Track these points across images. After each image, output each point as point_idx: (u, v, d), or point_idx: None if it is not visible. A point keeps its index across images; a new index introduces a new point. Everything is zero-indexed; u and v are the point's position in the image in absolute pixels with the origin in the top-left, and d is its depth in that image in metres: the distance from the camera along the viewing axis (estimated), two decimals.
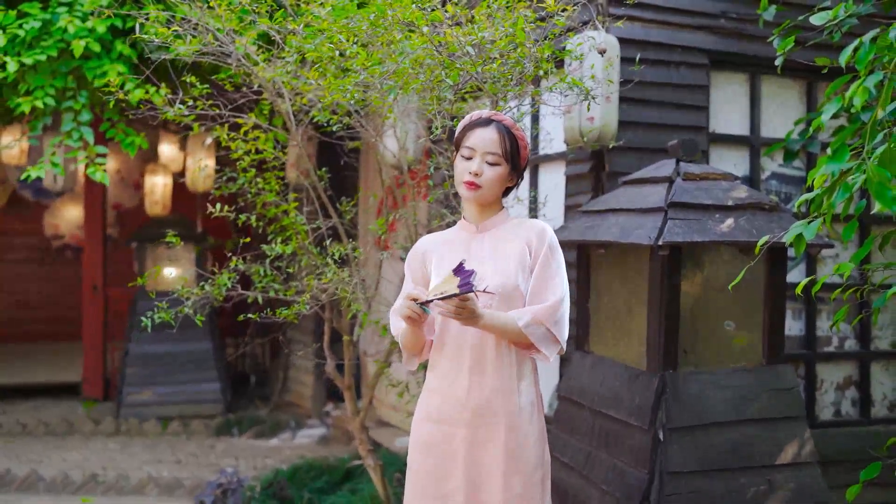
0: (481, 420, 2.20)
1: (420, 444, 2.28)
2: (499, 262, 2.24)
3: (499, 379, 2.21)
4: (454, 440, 2.22)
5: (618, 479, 2.91)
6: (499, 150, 2.21)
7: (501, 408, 2.20)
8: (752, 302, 3.09)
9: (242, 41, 3.34)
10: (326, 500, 4.16)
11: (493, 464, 2.19)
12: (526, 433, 2.21)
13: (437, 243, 2.35)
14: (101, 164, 4.69)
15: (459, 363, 2.23)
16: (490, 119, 2.25)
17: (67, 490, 5.13)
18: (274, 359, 7.71)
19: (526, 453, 2.21)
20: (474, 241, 2.30)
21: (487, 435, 2.20)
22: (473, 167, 2.21)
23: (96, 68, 4.54)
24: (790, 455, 2.95)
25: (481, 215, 2.31)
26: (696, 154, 3.17)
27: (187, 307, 3.39)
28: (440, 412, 2.25)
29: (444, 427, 2.24)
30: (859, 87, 2.28)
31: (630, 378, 3.01)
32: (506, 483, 2.18)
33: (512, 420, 2.20)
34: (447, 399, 2.24)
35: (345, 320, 3.72)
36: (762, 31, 3.77)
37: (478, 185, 2.21)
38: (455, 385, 2.23)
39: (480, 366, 2.21)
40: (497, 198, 2.30)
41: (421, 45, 2.72)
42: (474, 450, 2.20)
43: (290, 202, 3.59)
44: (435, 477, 2.23)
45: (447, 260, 2.26)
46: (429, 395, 2.30)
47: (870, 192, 2.07)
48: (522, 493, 2.19)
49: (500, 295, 2.20)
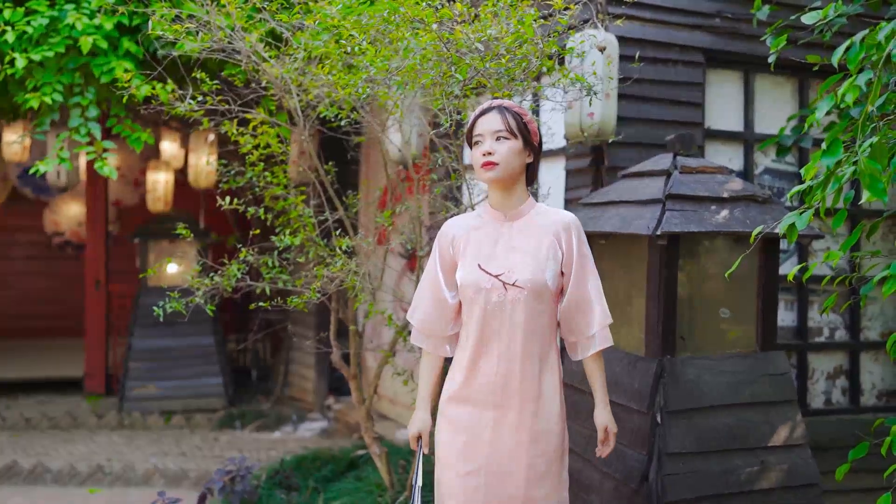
0: (509, 403, 2.32)
1: (450, 423, 2.39)
2: (528, 255, 2.32)
3: (526, 365, 2.32)
4: (481, 421, 2.33)
5: (618, 460, 3.02)
6: (503, 126, 2.31)
7: (528, 393, 2.32)
8: (747, 291, 3.20)
9: (252, 38, 3.43)
10: (332, 488, 4.25)
11: (519, 445, 2.32)
12: (549, 417, 2.34)
13: (466, 228, 2.42)
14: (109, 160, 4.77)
15: (489, 349, 2.33)
16: (490, 107, 2.37)
17: (74, 481, 5.20)
18: (275, 354, 7.80)
19: (549, 436, 2.34)
20: (503, 230, 2.37)
21: (514, 418, 2.32)
22: (485, 148, 2.31)
23: (103, 65, 4.62)
24: (782, 437, 3.06)
25: (507, 201, 2.37)
26: (693, 148, 3.28)
27: (198, 297, 3.47)
28: (467, 395, 2.36)
29: (471, 408, 2.35)
30: (850, 85, 2.40)
31: (630, 363, 3.12)
32: (530, 463, 2.31)
33: (537, 405, 2.32)
34: (476, 382, 2.35)
35: (351, 310, 3.82)
36: (756, 30, 3.90)
37: (494, 163, 2.30)
38: (485, 370, 2.34)
39: (510, 352, 2.32)
40: (517, 177, 2.36)
41: (429, 42, 2.83)
42: (500, 432, 2.32)
43: (298, 196, 3.69)
44: (464, 456, 2.34)
45: (473, 245, 2.37)
46: (458, 377, 2.39)
47: (861, 183, 2.18)
48: (545, 472, 2.33)
49: (530, 290, 2.30)
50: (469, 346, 2.37)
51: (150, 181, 7.41)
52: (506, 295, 2.31)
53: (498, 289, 2.31)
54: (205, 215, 7.65)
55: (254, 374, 7.92)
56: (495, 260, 2.34)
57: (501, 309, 2.31)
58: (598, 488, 3.09)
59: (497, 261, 2.34)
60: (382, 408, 6.05)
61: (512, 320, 2.31)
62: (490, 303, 2.32)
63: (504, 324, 2.31)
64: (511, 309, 2.31)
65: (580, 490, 3.17)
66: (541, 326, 2.34)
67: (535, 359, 2.34)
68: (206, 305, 3.51)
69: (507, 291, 2.28)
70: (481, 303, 2.33)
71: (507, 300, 2.31)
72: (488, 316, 2.32)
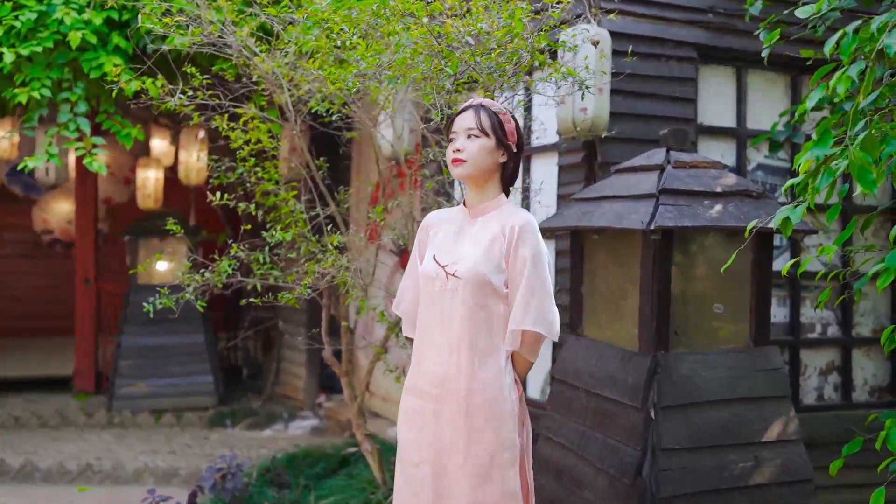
0: (445, 397, 2.29)
1: (402, 413, 2.41)
2: (477, 248, 2.31)
3: (463, 360, 2.27)
4: (425, 413, 2.33)
5: (612, 456, 3.01)
6: (475, 124, 2.30)
7: (462, 388, 2.26)
8: (740, 286, 3.19)
9: (243, 32, 3.40)
10: (323, 485, 4.22)
11: (456, 440, 2.27)
12: (489, 415, 2.25)
13: (441, 221, 2.46)
14: (98, 156, 4.74)
15: (431, 339, 2.34)
16: (469, 105, 2.37)
17: (64, 480, 5.16)
18: (267, 351, 7.77)
19: (484, 437, 2.24)
20: (467, 225, 2.39)
21: (450, 413, 2.28)
22: (457, 145, 2.32)
23: (92, 60, 4.59)
24: (776, 432, 3.06)
25: (477, 198, 2.39)
26: (686, 143, 3.27)
27: (188, 293, 3.45)
28: (415, 385, 2.37)
29: (417, 399, 2.36)
30: (842, 76, 2.39)
31: (623, 359, 3.11)
32: (464, 463, 2.25)
33: (470, 402, 2.25)
34: (420, 373, 2.36)
35: (342, 307, 3.80)
36: (749, 25, 3.89)
37: (462, 160, 2.31)
38: (426, 360, 2.34)
39: (448, 344, 2.30)
40: (488, 176, 2.35)
41: (420, 35, 2.81)
42: (439, 425, 2.30)
43: (290, 191, 3.67)
44: (411, 447, 2.34)
45: (440, 238, 2.39)
46: (411, 366, 2.42)
47: (852, 175, 2.17)
48: (485, 476, 2.23)
49: (467, 281, 2.27)
50: (417, 336, 2.39)
51: (140, 178, 7.36)
52: (447, 285, 2.30)
53: (441, 278, 2.31)
54: (195, 212, 7.60)
55: (245, 372, 7.89)
56: (450, 252, 2.35)
57: (442, 298, 2.31)
58: (592, 484, 3.08)
59: (450, 253, 2.35)
60: (375, 406, 6.03)
61: (451, 311, 2.29)
62: (433, 292, 2.33)
63: (444, 314, 2.30)
64: (450, 299, 2.29)
65: (573, 486, 3.16)
66: (484, 321, 2.28)
67: (475, 354, 2.27)
68: (197, 301, 3.48)
69: (447, 281, 2.27)
70: (427, 292, 2.36)
71: (447, 290, 2.30)
72: (431, 305, 2.33)
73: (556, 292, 4.06)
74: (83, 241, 7.26)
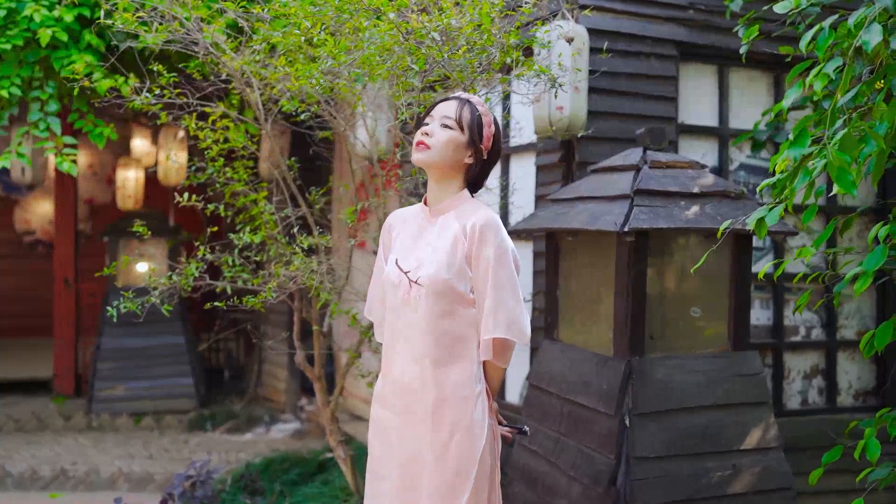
0: (412, 409, 2.18)
1: (371, 423, 2.32)
2: (439, 252, 2.18)
3: (428, 370, 2.16)
4: (390, 425, 2.24)
5: (586, 464, 2.93)
6: (453, 115, 2.18)
7: (429, 400, 2.15)
8: (719, 289, 3.12)
9: (210, 29, 3.31)
10: (298, 492, 4.14)
11: (419, 457, 2.17)
12: (455, 429, 2.14)
13: (403, 220, 2.34)
14: (70, 156, 4.64)
15: (396, 348, 2.24)
16: (455, 96, 2.25)
17: (36, 486, 5.06)
18: (248, 353, 7.67)
19: (453, 451, 2.13)
20: (427, 225, 2.26)
21: (416, 426, 2.18)
22: (426, 129, 2.19)
23: (64, 58, 4.49)
24: (755, 439, 2.98)
25: (438, 195, 2.25)
26: (664, 142, 3.19)
27: (154, 297, 3.36)
28: (382, 395, 2.28)
29: (385, 411, 2.27)
30: (819, 73, 2.32)
31: (598, 364, 3.03)
32: (430, 478, 2.14)
33: (437, 415, 2.15)
34: (387, 383, 2.27)
35: (314, 310, 3.71)
36: (730, 22, 3.81)
37: (427, 145, 2.17)
38: (393, 371, 2.24)
39: (413, 354, 2.19)
40: (451, 173, 2.22)
41: (387, 31, 2.72)
42: (405, 439, 2.20)
43: (260, 192, 3.58)
44: (381, 458, 2.26)
45: (401, 239, 2.28)
46: (380, 375, 2.33)
47: (830, 175, 2.10)
48: (450, 491, 2.12)
49: (429, 288, 2.15)
50: (385, 343, 2.29)
51: (121, 178, 7.25)
52: (410, 292, 2.19)
53: (405, 286, 2.20)
54: (176, 213, 7.49)
55: (227, 373, 7.79)
56: (411, 255, 2.23)
57: (406, 306, 2.20)
58: (566, 492, 3.00)
59: (411, 256, 2.23)
60: (356, 408, 5.94)
61: (415, 319, 2.18)
62: (398, 299, 2.22)
63: (409, 323, 2.19)
64: (414, 307, 2.18)
65: (546, 494, 3.08)
66: (450, 329, 2.17)
67: (441, 364, 2.16)
68: (163, 305, 3.39)
69: (411, 289, 2.16)
70: (391, 299, 2.25)
71: (411, 297, 2.18)
72: (396, 312, 2.22)
73: (535, 295, 4.00)
74: (63, 242, 7.16)
